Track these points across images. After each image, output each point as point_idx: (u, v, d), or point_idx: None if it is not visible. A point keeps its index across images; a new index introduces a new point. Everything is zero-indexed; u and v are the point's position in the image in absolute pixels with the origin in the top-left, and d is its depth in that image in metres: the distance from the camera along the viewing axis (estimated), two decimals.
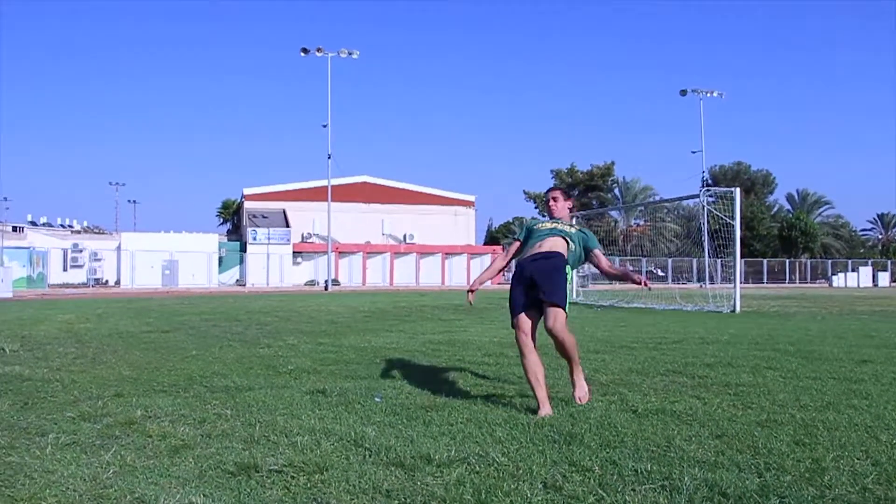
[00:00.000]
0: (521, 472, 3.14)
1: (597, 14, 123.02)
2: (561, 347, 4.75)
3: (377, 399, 4.73)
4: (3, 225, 47.01)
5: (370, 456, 3.37)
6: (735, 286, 15.99)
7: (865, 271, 56.67)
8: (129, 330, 10.81)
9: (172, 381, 5.63)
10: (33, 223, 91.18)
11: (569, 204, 5.26)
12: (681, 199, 26.78)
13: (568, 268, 4.80)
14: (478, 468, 3.18)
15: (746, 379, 5.71)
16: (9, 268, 32.17)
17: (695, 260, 52.98)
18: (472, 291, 5.27)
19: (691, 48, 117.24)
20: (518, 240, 5.17)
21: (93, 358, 7.26)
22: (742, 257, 16.14)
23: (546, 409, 4.38)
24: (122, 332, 10.50)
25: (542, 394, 4.51)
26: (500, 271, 5.35)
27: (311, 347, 8.10)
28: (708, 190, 17.00)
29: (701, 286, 40.15)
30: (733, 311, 15.61)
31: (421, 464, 3.23)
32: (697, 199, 18.11)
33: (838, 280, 55.20)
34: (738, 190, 16.18)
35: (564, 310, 4.60)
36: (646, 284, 4.98)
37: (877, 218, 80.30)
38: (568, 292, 4.76)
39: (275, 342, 8.73)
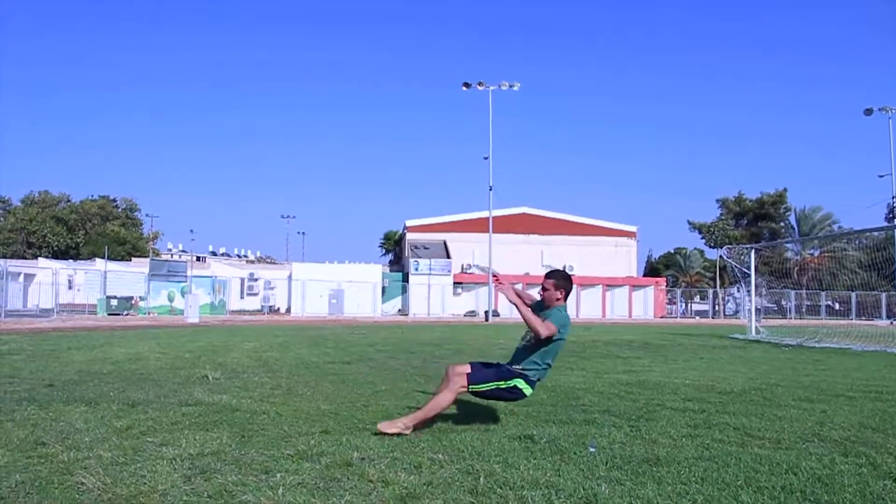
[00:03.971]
0: None
1: (772, 26, 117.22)
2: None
3: (591, 449, 4.44)
4: (190, 255, 51.06)
5: None
6: None
7: None
8: (312, 360, 11.15)
9: (372, 418, 5.60)
10: (213, 253, 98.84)
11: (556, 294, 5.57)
12: (876, 229, 24.44)
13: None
14: None
15: None
16: (196, 295, 34.71)
17: (883, 294, 48.51)
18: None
19: (872, 61, 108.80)
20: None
21: (288, 389, 7.45)
22: None
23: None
24: (306, 362, 10.84)
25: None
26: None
27: None
28: None
29: (892, 323, 36.58)
30: None
31: None
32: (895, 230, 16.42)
33: None
34: None
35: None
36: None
37: None
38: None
39: None
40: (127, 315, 35.90)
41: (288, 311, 47.17)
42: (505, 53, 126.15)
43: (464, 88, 42.55)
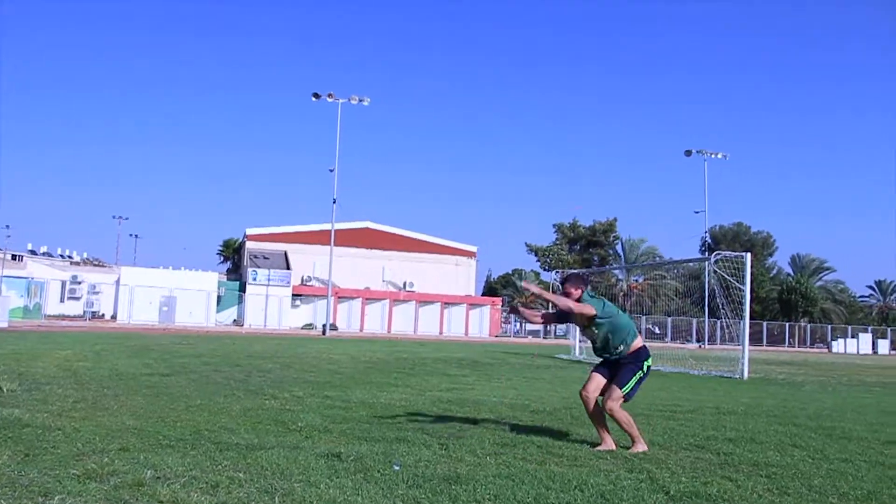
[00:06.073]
0: None
1: (605, 71, 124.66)
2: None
3: (396, 467, 4.51)
4: (3, 253, 46.67)
5: None
6: (743, 353, 15.73)
7: (865, 338, 56.02)
8: (128, 371, 10.57)
9: (179, 434, 5.41)
10: (33, 252, 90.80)
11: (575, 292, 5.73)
12: (689, 261, 26.58)
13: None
14: None
15: (774, 458, 5.50)
16: (6, 297, 31.89)
17: (694, 320, 52.73)
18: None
19: (696, 109, 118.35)
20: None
21: (94, 403, 7.03)
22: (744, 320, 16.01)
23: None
24: (121, 373, 10.26)
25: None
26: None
27: (319, 401, 7.86)
28: (718, 254, 16.89)
29: (700, 346, 39.87)
30: (741, 377, 15.35)
31: None
32: (703, 262, 18.08)
33: (838, 346, 54.74)
34: (748, 255, 16.07)
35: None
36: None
37: (875, 284, 79.86)
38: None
39: (280, 393, 8.50)
40: None
41: (114, 317, 44.34)
42: (354, 62, 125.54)
43: (313, 99, 42.15)
